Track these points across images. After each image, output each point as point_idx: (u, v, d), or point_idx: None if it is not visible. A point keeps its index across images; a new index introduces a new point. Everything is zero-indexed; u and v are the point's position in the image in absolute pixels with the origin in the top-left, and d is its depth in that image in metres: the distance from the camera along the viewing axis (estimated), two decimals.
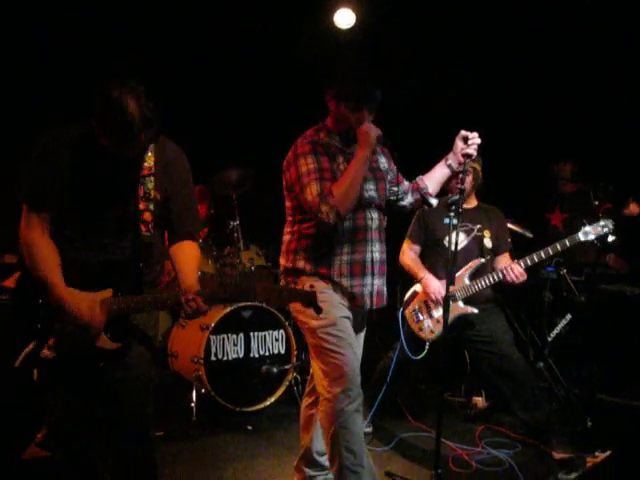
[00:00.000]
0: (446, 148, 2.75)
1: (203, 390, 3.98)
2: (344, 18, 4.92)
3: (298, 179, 2.53)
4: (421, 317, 3.63)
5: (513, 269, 3.44)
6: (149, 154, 2.19)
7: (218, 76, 5.17)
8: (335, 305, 2.60)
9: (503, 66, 4.86)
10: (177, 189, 2.27)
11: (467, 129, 2.68)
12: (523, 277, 3.45)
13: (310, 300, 2.23)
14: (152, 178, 2.17)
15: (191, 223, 2.34)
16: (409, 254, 3.79)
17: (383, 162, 2.79)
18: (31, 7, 4.30)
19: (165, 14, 4.62)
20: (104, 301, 2.10)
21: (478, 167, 3.63)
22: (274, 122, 5.28)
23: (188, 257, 2.31)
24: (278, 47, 5.00)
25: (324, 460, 2.73)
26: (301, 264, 2.62)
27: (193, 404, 3.95)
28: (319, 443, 2.73)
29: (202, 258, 4.12)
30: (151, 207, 2.17)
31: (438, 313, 3.57)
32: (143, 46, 4.51)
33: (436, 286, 3.55)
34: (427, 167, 2.85)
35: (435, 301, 3.56)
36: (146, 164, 2.18)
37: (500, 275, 3.48)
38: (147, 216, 2.17)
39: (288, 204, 2.72)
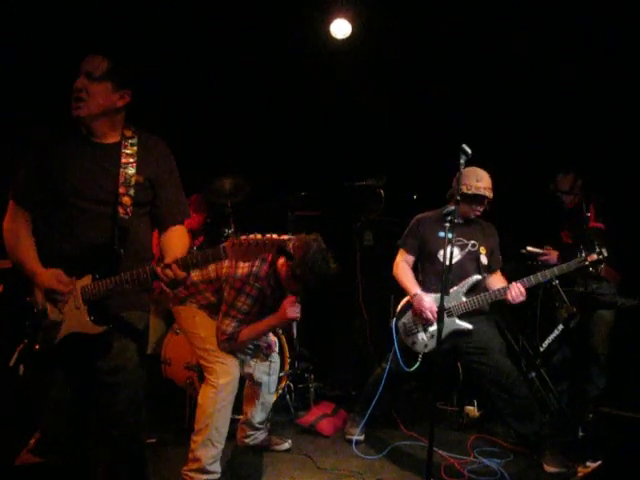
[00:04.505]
0: (441, 159, 2.77)
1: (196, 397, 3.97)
2: (340, 29, 4.95)
3: (230, 304, 3.13)
4: (414, 330, 3.62)
5: (514, 287, 3.41)
6: (132, 142, 2.29)
7: (213, 86, 5.18)
8: None
9: (503, 77, 4.84)
10: (162, 177, 2.35)
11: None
12: (522, 297, 3.42)
13: (283, 249, 2.22)
14: (134, 165, 2.26)
15: (180, 209, 2.43)
16: (403, 267, 3.74)
17: None
18: (31, 7, 4.31)
19: (166, 18, 4.64)
20: (84, 288, 2.19)
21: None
22: (269, 131, 5.31)
23: (177, 238, 2.39)
24: (273, 57, 5.02)
25: (257, 424, 3.61)
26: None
27: (186, 410, 3.94)
28: (257, 413, 3.58)
29: None
30: (131, 192, 2.24)
31: (432, 327, 3.54)
32: (138, 52, 4.51)
33: (428, 305, 3.51)
34: (416, 180, 2.86)
35: (428, 320, 3.53)
36: (128, 151, 2.27)
37: (501, 292, 3.45)
38: (126, 200, 2.24)
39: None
